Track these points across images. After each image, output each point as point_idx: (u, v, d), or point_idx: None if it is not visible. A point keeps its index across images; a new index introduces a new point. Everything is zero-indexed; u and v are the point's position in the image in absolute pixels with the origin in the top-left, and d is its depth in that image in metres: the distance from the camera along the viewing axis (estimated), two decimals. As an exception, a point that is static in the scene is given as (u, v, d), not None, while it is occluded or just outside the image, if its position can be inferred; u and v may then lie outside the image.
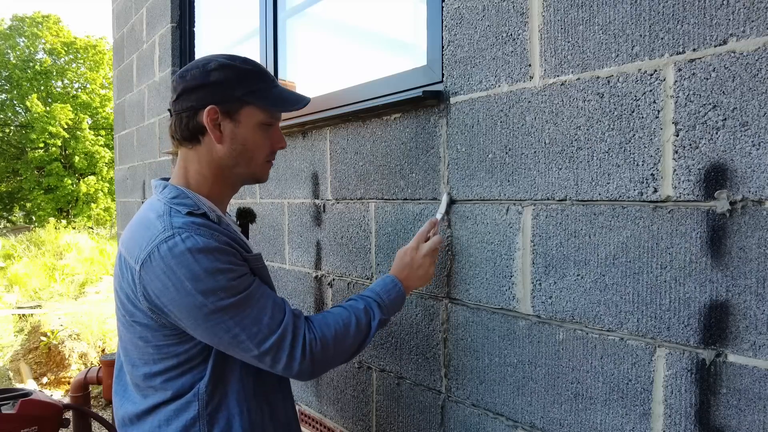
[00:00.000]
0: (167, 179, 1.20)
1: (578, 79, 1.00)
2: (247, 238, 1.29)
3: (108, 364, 2.90)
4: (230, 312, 1.00)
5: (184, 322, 1.02)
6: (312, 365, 1.06)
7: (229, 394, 1.09)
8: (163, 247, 0.99)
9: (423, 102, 1.33)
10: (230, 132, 1.11)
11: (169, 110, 1.16)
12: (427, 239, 1.25)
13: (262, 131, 1.15)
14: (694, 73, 0.85)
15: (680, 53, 0.86)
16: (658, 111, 0.89)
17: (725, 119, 0.81)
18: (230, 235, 1.08)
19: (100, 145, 23.33)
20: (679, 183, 0.87)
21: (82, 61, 25.10)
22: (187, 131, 1.11)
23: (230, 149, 1.12)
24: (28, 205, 23.06)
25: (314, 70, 2.25)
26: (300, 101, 1.19)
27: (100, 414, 3.91)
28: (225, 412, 1.08)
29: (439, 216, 1.28)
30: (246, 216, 1.32)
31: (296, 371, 1.05)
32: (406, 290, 1.21)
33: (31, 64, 23.87)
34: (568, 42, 1.02)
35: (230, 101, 1.10)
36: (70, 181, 22.12)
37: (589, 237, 1.00)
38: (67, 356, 5.63)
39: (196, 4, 2.97)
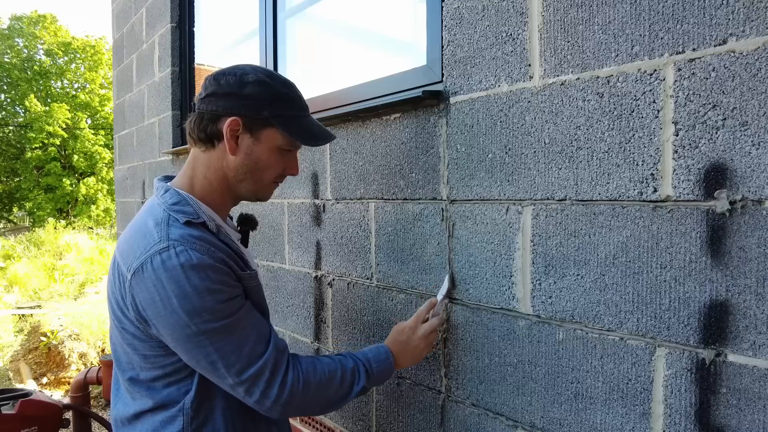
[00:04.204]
0: (170, 177, 1.19)
1: (578, 78, 1.00)
2: (247, 245, 1.28)
3: (108, 364, 2.91)
4: (211, 337, 0.98)
5: (166, 339, 1.01)
6: (285, 406, 1.04)
7: (215, 410, 1.08)
8: (157, 259, 0.97)
9: (423, 102, 1.33)
10: (247, 147, 1.09)
11: (192, 104, 1.15)
12: (426, 320, 1.24)
13: (278, 154, 1.13)
14: (693, 73, 0.85)
15: (680, 53, 0.86)
16: (658, 111, 0.89)
17: (725, 119, 0.81)
18: (227, 250, 1.06)
19: (100, 145, 23.33)
20: (678, 183, 0.87)
21: (81, 61, 25.10)
22: (203, 133, 1.09)
23: (242, 164, 1.10)
24: (28, 204, 23.06)
25: (314, 70, 2.25)
26: (325, 138, 1.17)
27: (100, 414, 3.91)
28: (210, 428, 1.07)
29: (439, 297, 1.26)
30: (248, 223, 1.30)
31: (267, 408, 1.03)
32: (395, 366, 1.20)
33: (29, 64, 23.87)
34: (568, 42, 1.02)
35: (256, 118, 1.08)
36: (68, 182, 22.11)
37: (589, 237, 1.00)
38: (67, 356, 5.64)
39: (196, 4, 2.97)
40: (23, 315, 7.55)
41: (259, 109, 1.07)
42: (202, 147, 1.12)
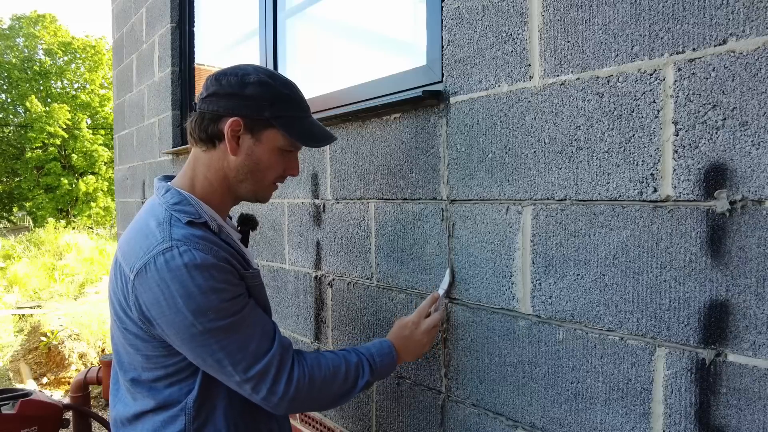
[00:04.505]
0: (170, 177, 1.19)
1: (578, 78, 1.00)
2: (247, 245, 1.28)
3: (108, 364, 2.90)
4: (217, 335, 0.98)
5: (170, 339, 1.01)
6: (292, 402, 1.04)
7: (216, 409, 1.08)
8: (160, 259, 0.98)
9: (423, 102, 1.33)
10: (248, 148, 1.09)
11: (194, 103, 1.15)
12: (429, 315, 1.25)
13: (279, 155, 1.13)
14: (693, 73, 0.85)
15: (680, 53, 0.86)
16: (658, 111, 0.89)
17: (725, 119, 0.81)
18: (229, 249, 1.06)
19: (99, 144, 23.34)
20: (678, 183, 0.87)
21: (81, 61, 25.11)
22: (204, 133, 1.09)
23: (243, 164, 1.10)
24: (28, 204, 23.07)
25: (314, 70, 2.25)
26: (326, 139, 1.17)
27: (100, 414, 3.91)
28: (211, 427, 1.07)
29: (441, 291, 1.27)
30: (248, 223, 1.30)
31: (274, 404, 1.04)
32: (398, 360, 1.21)
33: (29, 63, 23.88)
34: (568, 42, 1.02)
35: (257, 119, 1.08)
36: (66, 181, 22.12)
37: (589, 237, 1.00)
38: (67, 356, 5.64)
39: (196, 4, 2.97)
40: (23, 315, 7.55)
41: (260, 110, 1.07)
42: (203, 147, 1.11)
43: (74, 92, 24.96)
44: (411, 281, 1.41)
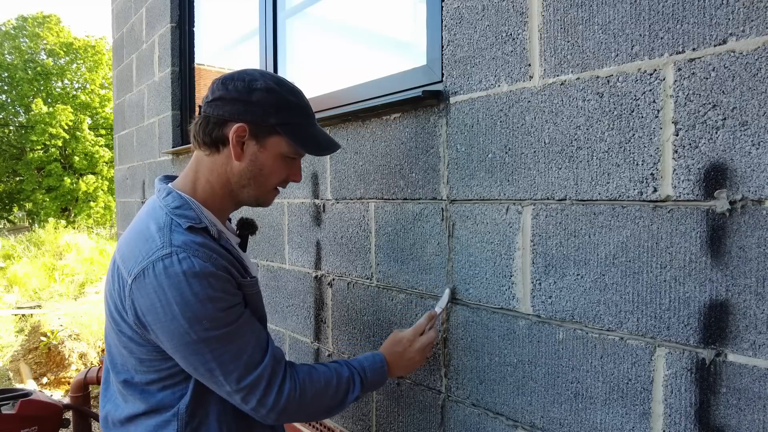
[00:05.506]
0: (171, 177, 1.18)
1: (578, 78, 1.00)
2: (245, 250, 1.28)
3: (108, 364, 2.90)
4: (210, 345, 0.98)
5: (164, 345, 1.00)
6: (281, 413, 1.05)
7: (209, 414, 1.08)
8: (159, 265, 0.97)
9: (423, 102, 1.33)
10: (252, 153, 1.09)
11: (199, 106, 1.14)
12: (424, 333, 1.25)
13: (282, 161, 1.13)
14: (693, 73, 0.85)
15: (680, 53, 0.86)
16: (658, 110, 0.89)
17: (725, 119, 0.81)
18: (228, 257, 1.06)
19: (100, 145, 23.36)
20: (678, 182, 0.87)
21: (81, 61, 25.12)
22: (209, 137, 1.09)
23: (246, 169, 1.10)
24: (28, 205, 23.07)
25: (314, 70, 2.25)
26: (330, 147, 1.17)
27: (100, 414, 3.91)
28: None
29: (438, 310, 1.28)
30: (247, 228, 1.30)
31: (263, 415, 1.04)
32: (389, 374, 1.22)
33: (32, 64, 23.88)
34: (568, 42, 1.02)
35: (262, 125, 1.07)
36: (69, 180, 22.14)
37: (589, 237, 1.00)
38: (67, 356, 5.64)
39: (195, 4, 2.97)
40: (23, 315, 7.55)
41: (266, 117, 1.07)
42: (207, 151, 1.11)
43: (74, 92, 24.95)
44: (411, 281, 1.41)
